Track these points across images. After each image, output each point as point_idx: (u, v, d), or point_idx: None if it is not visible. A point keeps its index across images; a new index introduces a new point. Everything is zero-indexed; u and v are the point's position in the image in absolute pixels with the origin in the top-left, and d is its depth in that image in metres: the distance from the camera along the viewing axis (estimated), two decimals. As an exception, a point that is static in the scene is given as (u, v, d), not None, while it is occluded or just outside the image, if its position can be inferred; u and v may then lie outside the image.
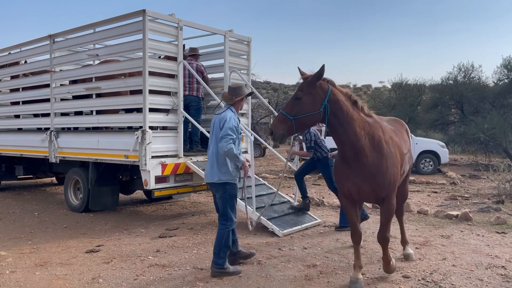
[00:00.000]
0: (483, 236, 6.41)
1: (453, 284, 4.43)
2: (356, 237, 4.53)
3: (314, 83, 4.05)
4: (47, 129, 8.63)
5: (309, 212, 7.25)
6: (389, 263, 4.59)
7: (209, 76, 8.85)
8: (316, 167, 7.02)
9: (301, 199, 7.30)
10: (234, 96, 4.81)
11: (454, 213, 7.63)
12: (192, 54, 8.15)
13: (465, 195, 9.98)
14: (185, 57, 7.49)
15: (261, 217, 6.38)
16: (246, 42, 8.52)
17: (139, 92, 6.84)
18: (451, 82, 21.95)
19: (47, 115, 8.65)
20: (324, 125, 7.26)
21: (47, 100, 8.59)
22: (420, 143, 15.28)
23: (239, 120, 4.88)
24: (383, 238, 4.53)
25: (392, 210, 4.44)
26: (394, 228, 6.80)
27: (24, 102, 9.47)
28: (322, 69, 4.02)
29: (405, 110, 23.51)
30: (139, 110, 7.03)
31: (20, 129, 9.87)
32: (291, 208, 7.12)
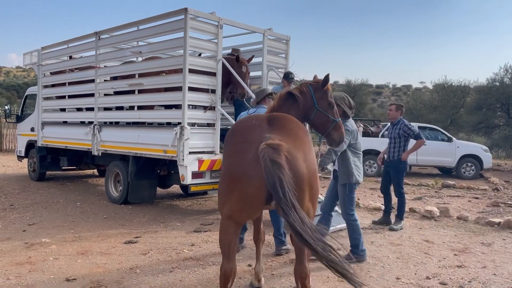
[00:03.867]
0: (527, 245, 6.15)
1: (493, 294, 4.28)
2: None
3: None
4: (90, 122, 8.96)
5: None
6: None
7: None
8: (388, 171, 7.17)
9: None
10: (258, 100, 5.28)
11: (496, 220, 7.34)
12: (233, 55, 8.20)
13: (508, 202, 9.58)
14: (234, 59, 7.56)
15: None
16: (284, 41, 8.52)
17: (178, 89, 6.99)
18: (497, 83, 21.09)
19: (91, 109, 8.98)
20: (362, 125, 7.15)
21: (92, 95, 8.91)
22: (462, 147, 14.79)
23: None
24: None
25: None
26: (432, 234, 6.64)
27: (70, 96, 9.88)
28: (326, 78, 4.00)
29: (447, 112, 22.83)
30: (177, 107, 7.18)
31: (65, 122, 10.30)
32: (374, 223, 7.20)
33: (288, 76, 7.41)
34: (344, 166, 5.19)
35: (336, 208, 7.34)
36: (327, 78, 3.96)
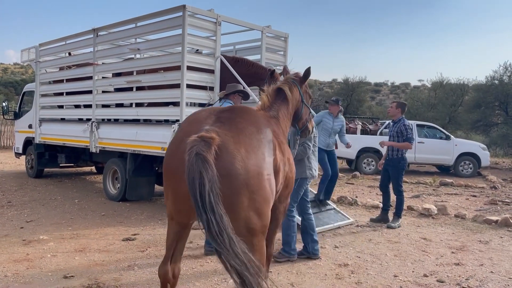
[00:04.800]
0: (524, 243, 6.17)
1: (490, 292, 4.29)
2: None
3: None
4: (88, 119, 8.94)
5: (341, 211, 7.20)
6: None
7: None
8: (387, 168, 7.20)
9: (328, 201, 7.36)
10: (229, 92, 5.56)
11: (494, 218, 7.36)
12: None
13: (506, 200, 9.60)
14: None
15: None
16: (283, 38, 8.50)
17: (176, 86, 6.97)
18: (496, 81, 21.10)
19: (89, 106, 8.96)
20: (361, 123, 7.12)
21: (90, 92, 8.89)
22: (460, 145, 14.82)
23: None
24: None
25: None
26: (430, 231, 6.66)
27: (68, 93, 9.85)
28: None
29: (446, 110, 22.84)
30: (175, 104, 7.16)
31: (63, 119, 10.27)
32: (371, 221, 7.20)
33: (338, 101, 7.62)
34: (299, 161, 4.91)
35: (334, 205, 7.37)
36: (308, 70, 3.92)
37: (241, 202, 2.52)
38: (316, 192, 7.38)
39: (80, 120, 9.47)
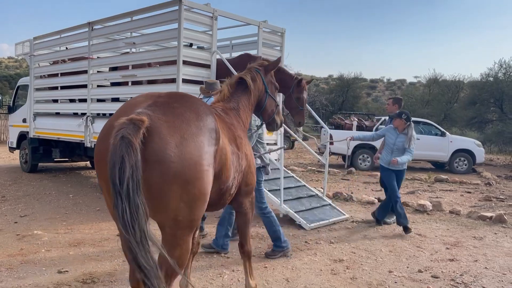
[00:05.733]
0: (518, 239, 6.21)
1: (484, 287, 4.31)
2: None
3: None
4: (83, 114, 8.88)
5: (337, 207, 7.21)
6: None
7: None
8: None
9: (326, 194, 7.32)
10: (211, 91, 5.31)
11: (488, 214, 7.40)
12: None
13: (500, 197, 9.66)
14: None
15: (289, 209, 6.39)
16: (279, 33, 8.47)
17: (172, 81, 6.93)
18: (491, 79, 21.19)
19: (84, 100, 8.90)
20: (357, 119, 7.05)
21: (85, 86, 8.82)
22: (455, 142, 14.87)
23: None
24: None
25: None
26: (425, 227, 6.68)
27: (63, 87, 9.78)
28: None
29: (441, 107, 22.90)
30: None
31: (57, 114, 10.20)
32: (372, 215, 7.03)
33: (400, 115, 6.40)
34: None
35: (329, 201, 7.37)
36: (278, 60, 3.84)
37: (172, 192, 2.30)
38: (311, 188, 7.37)
39: (75, 114, 9.41)
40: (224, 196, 3.03)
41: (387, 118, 8.37)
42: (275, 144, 8.24)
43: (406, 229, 6.19)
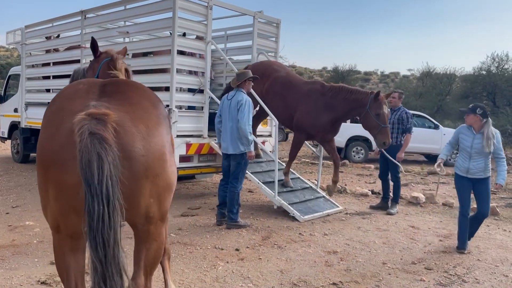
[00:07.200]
0: (510, 231, 6.27)
1: (476, 279, 4.35)
2: None
3: None
4: (76, 104, 8.77)
5: (331, 199, 7.22)
6: None
7: (236, 58, 8.88)
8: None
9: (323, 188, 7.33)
10: (241, 80, 5.82)
11: (481, 207, 7.43)
12: None
13: (492, 190, 9.71)
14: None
15: (283, 201, 6.39)
16: (275, 24, 8.41)
17: (167, 70, 6.87)
18: (483, 72, 21.29)
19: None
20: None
21: (77, 75, 8.70)
22: (448, 134, 14.90)
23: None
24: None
25: None
26: (418, 220, 6.71)
27: (55, 77, 9.65)
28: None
29: (433, 100, 22.97)
30: (166, 89, 7.06)
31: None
32: (371, 208, 7.27)
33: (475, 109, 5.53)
34: None
35: (323, 193, 7.38)
36: (125, 49, 3.66)
37: (142, 188, 2.12)
38: (305, 180, 7.36)
39: (67, 104, 9.28)
40: None
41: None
42: (270, 136, 8.24)
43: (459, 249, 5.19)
